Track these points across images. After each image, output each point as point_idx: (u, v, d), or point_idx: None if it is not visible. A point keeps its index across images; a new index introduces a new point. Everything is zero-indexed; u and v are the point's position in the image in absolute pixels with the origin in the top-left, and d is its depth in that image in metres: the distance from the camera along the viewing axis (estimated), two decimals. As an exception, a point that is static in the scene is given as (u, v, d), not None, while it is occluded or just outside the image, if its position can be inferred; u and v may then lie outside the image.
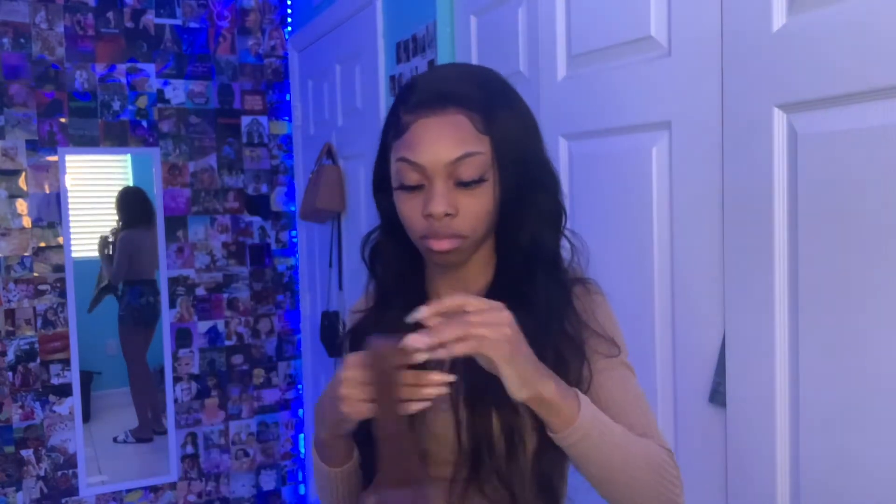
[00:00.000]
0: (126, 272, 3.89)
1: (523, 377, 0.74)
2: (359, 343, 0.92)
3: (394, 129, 0.88)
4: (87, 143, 2.86)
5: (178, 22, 2.98)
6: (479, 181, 0.84)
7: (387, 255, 0.97)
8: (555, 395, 0.76)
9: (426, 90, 0.86)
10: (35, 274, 2.80)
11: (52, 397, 2.84)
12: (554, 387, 0.76)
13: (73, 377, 2.87)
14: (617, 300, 0.97)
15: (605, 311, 0.92)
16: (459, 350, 0.71)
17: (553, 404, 0.76)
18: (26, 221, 2.78)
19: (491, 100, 0.86)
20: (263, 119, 3.13)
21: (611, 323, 0.92)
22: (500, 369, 0.73)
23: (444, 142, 0.83)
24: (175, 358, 3.03)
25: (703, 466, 1.22)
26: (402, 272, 0.96)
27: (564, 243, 0.93)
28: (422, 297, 0.94)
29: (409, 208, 0.86)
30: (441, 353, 0.72)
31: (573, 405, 0.77)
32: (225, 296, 3.10)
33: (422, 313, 0.73)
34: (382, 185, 0.93)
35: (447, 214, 0.83)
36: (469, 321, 0.71)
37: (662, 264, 1.27)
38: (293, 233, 3.20)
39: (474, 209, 0.84)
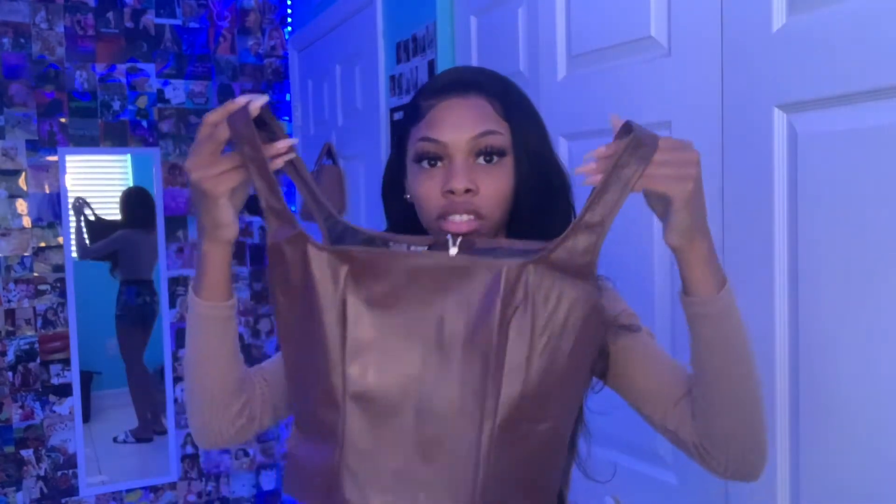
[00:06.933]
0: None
1: (689, 225, 0.72)
2: None
3: (412, 116, 0.89)
4: (87, 143, 2.86)
5: (178, 22, 2.98)
6: (501, 154, 0.85)
7: None
8: (707, 254, 0.75)
9: (447, 78, 0.89)
10: (35, 274, 2.80)
11: (52, 397, 2.84)
12: (708, 249, 0.75)
13: (73, 377, 2.87)
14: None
15: (608, 296, 0.89)
16: (639, 186, 0.70)
17: (705, 262, 0.75)
18: (26, 221, 2.78)
19: (509, 93, 0.88)
20: (263, 119, 3.13)
21: (615, 306, 0.89)
22: (673, 210, 0.71)
23: (467, 120, 0.84)
24: (175, 358, 3.03)
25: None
26: None
27: None
28: None
29: (428, 187, 0.85)
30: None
31: (719, 277, 0.76)
32: (225, 296, 3.10)
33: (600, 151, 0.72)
34: (393, 187, 0.93)
35: (468, 190, 0.83)
36: (653, 160, 0.70)
37: (662, 264, 1.27)
38: (293, 233, 3.20)
39: (494, 187, 0.84)
